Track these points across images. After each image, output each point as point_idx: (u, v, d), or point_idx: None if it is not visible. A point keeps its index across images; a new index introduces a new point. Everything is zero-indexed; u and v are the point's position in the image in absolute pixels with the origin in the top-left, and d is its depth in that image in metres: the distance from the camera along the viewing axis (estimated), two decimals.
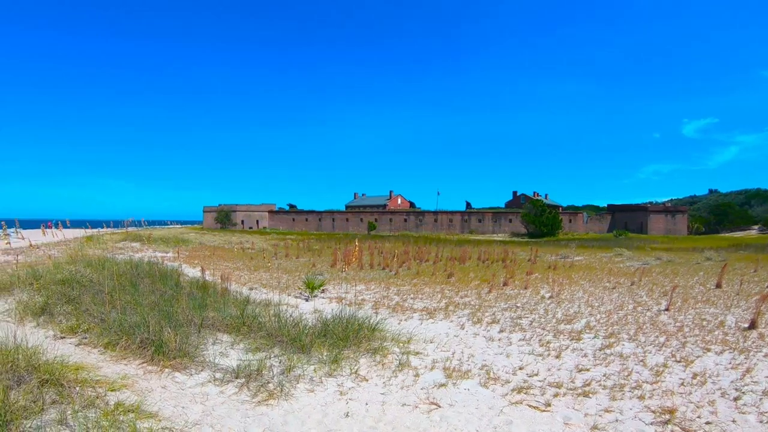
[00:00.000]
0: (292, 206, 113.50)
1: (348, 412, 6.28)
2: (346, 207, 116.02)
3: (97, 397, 5.96)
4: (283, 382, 7.07)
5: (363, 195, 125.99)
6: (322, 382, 7.25)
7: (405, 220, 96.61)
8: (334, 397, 6.78)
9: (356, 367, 7.86)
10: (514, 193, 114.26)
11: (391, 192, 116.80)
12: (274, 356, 8.16)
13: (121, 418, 5.44)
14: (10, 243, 11.94)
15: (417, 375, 7.67)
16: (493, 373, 7.80)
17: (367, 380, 7.41)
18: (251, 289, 16.26)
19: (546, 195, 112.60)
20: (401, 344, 9.26)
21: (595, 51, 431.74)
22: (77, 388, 6.10)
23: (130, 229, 44.45)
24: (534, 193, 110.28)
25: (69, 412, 5.45)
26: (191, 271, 19.24)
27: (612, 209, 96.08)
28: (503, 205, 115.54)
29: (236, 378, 7.18)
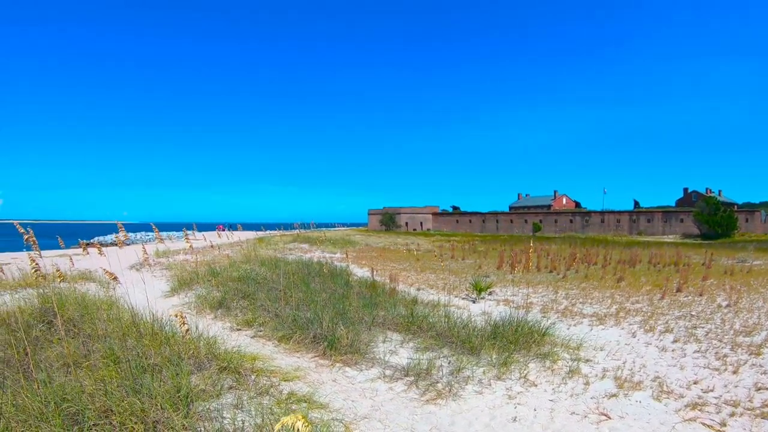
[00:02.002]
0: (455, 208, 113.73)
1: (516, 417, 6.23)
2: (510, 208, 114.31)
3: (271, 386, 6.49)
4: (452, 382, 7.17)
5: (527, 195, 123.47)
6: (490, 385, 7.25)
7: (570, 221, 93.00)
8: (502, 400, 6.76)
9: (525, 372, 7.76)
10: (685, 190, 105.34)
11: (555, 192, 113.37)
12: (443, 356, 8.26)
13: (293, 407, 5.86)
14: (192, 245, 13.38)
15: (587, 383, 7.40)
16: (666, 386, 7.32)
17: (536, 385, 7.29)
18: (418, 289, 16.57)
19: (719, 191, 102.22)
20: (571, 350, 8.99)
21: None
22: (253, 377, 6.67)
23: (298, 231, 46.66)
24: (707, 189, 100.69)
25: (245, 397, 6.02)
26: (359, 271, 20.00)
27: None
28: (674, 204, 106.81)
29: (405, 376, 7.41)
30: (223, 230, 52.21)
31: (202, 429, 4.93)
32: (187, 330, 5.80)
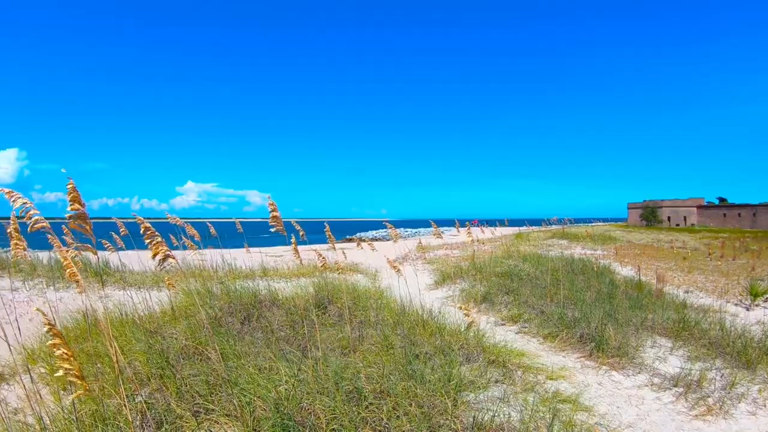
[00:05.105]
0: (722, 200, 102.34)
1: None
2: None
3: (537, 384, 6.62)
4: (724, 398, 6.63)
5: None
6: (765, 406, 6.58)
7: None
8: None
9: None
10: None
11: None
12: (715, 368, 7.68)
13: (558, 407, 5.84)
14: (472, 238, 14.04)
15: None
16: None
17: None
18: (686, 291, 15.43)
19: None
20: None
21: None
22: (519, 373, 6.85)
23: (555, 227, 45.90)
24: None
25: (510, 392, 6.15)
26: (622, 270, 19.13)
27: None
28: None
29: (674, 386, 7.00)
30: (478, 226, 53.03)
31: (472, 418, 5.15)
32: (472, 322, 6.08)
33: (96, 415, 4.75)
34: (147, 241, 4.11)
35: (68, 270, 3.74)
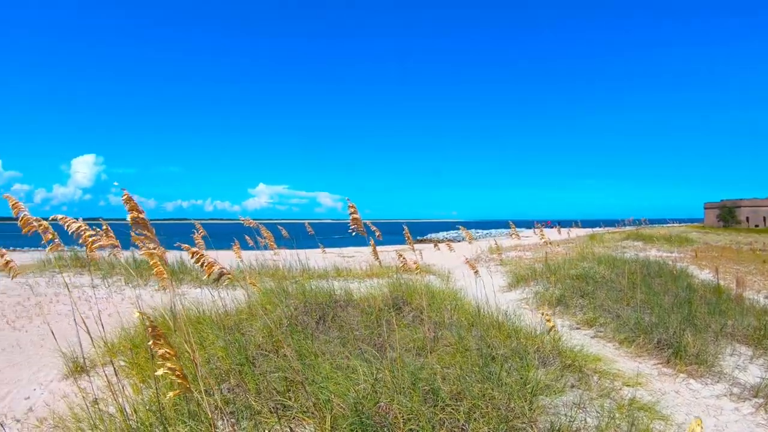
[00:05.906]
0: None
1: None
2: None
3: (613, 390, 6.56)
4: None
5: None
6: None
7: None
8: None
9: None
10: None
11: None
12: None
13: (634, 414, 5.78)
14: (560, 230, 13.97)
15: None
16: None
17: None
18: (767, 297, 14.87)
19: None
20: None
21: None
22: (595, 378, 6.81)
23: (629, 228, 44.76)
24: None
25: (586, 398, 6.12)
26: (699, 273, 18.53)
27: None
28: None
29: (754, 396, 6.81)
30: (552, 227, 52.32)
31: (549, 422, 5.19)
32: (553, 327, 6.08)
33: (177, 409, 5.03)
34: (197, 264, 4.26)
35: (155, 269, 3.94)
